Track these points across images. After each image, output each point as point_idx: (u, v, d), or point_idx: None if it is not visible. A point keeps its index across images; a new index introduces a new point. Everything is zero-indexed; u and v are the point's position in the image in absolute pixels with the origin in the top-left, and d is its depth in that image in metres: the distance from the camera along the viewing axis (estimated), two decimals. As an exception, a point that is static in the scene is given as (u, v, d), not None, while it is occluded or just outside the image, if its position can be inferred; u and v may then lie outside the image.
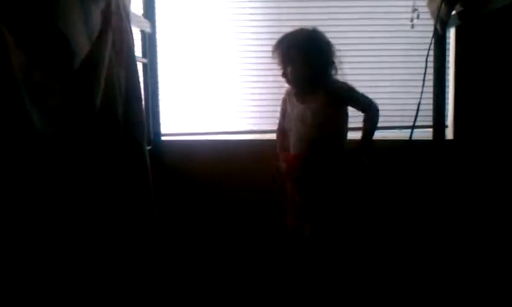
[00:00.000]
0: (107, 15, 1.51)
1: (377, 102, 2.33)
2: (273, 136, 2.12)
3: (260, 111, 2.42)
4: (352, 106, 1.93)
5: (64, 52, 1.22)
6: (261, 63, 2.36)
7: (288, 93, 2.00)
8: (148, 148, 1.88)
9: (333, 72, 1.91)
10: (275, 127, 2.09)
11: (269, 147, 2.09)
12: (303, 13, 2.35)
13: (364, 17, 2.35)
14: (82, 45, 1.33)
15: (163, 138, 2.38)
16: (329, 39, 1.89)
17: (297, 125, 1.91)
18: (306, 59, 1.84)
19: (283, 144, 2.03)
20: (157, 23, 2.32)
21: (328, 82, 1.89)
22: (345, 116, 1.93)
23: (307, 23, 1.92)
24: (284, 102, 2.01)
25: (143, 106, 1.77)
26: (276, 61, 1.91)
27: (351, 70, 2.28)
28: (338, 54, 1.90)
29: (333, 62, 1.89)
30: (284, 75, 1.90)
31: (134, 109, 1.67)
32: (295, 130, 1.92)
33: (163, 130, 2.39)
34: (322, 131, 1.88)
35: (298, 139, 1.91)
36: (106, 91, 1.51)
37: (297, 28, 1.90)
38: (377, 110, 1.92)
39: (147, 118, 2.15)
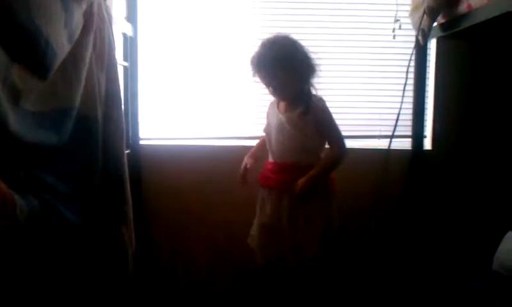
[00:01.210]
0: (88, 17, 1.48)
1: (357, 111, 2.37)
2: (254, 142, 2.12)
3: (242, 117, 2.41)
4: (322, 134, 1.89)
5: (44, 51, 1.19)
6: (243, 67, 2.34)
7: (271, 104, 2.00)
8: (127, 151, 1.85)
9: (313, 82, 1.89)
10: (258, 133, 2.08)
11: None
12: (283, 20, 2.34)
13: (345, 27, 2.36)
14: (62, 45, 1.30)
15: (142, 142, 2.35)
16: (307, 47, 1.86)
17: (275, 134, 1.91)
18: (286, 71, 1.81)
19: (260, 144, 2.05)
20: (139, 27, 2.29)
21: (309, 97, 1.88)
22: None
23: (286, 30, 1.90)
24: (267, 114, 2.02)
25: (123, 109, 1.74)
26: (256, 74, 1.87)
27: (331, 79, 2.30)
28: (317, 62, 1.86)
29: (314, 72, 1.86)
30: (268, 87, 1.88)
31: (113, 112, 1.64)
32: (274, 137, 1.92)
33: (142, 134, 2.35)
34: (296, 144, 1.87)
35: (277, 148, 1.92)
36: (86, 93, 1.48)
37: (271, 36, 1.85)
38: (344, 153, 1.87)
39: (126, 121, 2.12)
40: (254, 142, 2.10)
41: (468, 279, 1.85)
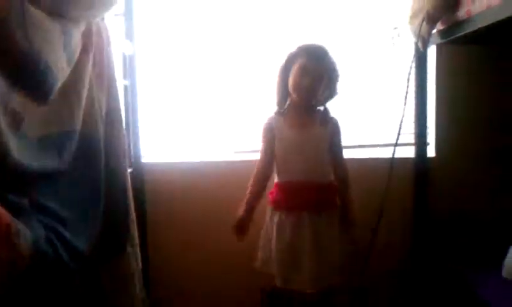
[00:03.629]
0: (87, 37, 1.48)
1: (359, 120, 2.36)
2: (257, 156, 2.00)
3: (244, 131, 2.38)
4: (332, 151, 1.88)
5: (44, 76, 1.18)
6: (244, 83, 2.36)
7: (273, 119, 1.91)
8: (129, 170, 1.84)
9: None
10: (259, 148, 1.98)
11: (254, 167, 1.99)
12: (282, 31, 2.31)
13: (344, 36, 2.34)
14: (62, 68, 1.30)
15: (144, 160, 2.34)
16: None
17: (295, 152, 1.84)
18: (329, 74, 1.83)
19: (258, 191, 1.91)
20: (138, 45, 2.29)
21: (326, 111, 1.89)
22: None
23: (285, 41, 1.91)
24: (270, 129, 1.90)
25: (124, 128, 1.74)
26: (289, 66, 1.83)
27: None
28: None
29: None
30: (297, 85, 1.81)
31: (115, 131, 1.64)
32: (294, 156, 1.85)
33: (144, 152, 2.34)
34: (319, 160, 1.86)
35: (298, 166, 1.85)
36: (87, 114, 1.48)
37: (311, 43, 1.87)
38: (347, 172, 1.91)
39: (128, 140, 2.11)
40: (257, 156, 1.99)
41: (476, 287, 1.83)
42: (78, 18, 1.40)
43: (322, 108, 1.90)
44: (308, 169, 1.84)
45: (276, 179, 1.93)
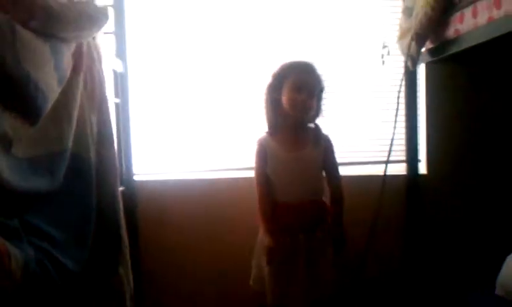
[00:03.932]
0: (78, 57, 1.48)
1: (350, 137, 2.37)
2: (251, 173, 1.97)
3: (236, 148, 2.38)
4: (326, 166, 1.89)
5: (34, 97, 1.18)
6: (237, 98, 2.37)
7: (265, 139, 1.89)
8: (121, 188, 1.83)
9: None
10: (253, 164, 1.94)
11: (249, 184, 1.96)
12: (269, 44, 2.34)
13: (334, 54, 2.36)
14: (52, 88, 1.29)
15: (136, 177, 2.33)
16: None
17: (291, 174, 1.84)
18: (318, 91, 1.84)
19: (270, 212, 1.86)
20: (129, 63, 2.29)
21: (318, 128, 1.89)
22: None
23: (277, 58, 1.94)
24: (262, 150, 1.88)
25: (115, 147, 1.73)
26: (280, 84, 1.83)
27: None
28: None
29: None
30: (291, 100, 1.80)
31: (106, 151, 1.63)
32: (289, 177, 1.85)
33: (136, 169, 2.34)
34: (315, 180, 1.87)
35: (292, 187, 1.84)
36: (78, 134, 1.47)
37: (297, 59, 1.89)
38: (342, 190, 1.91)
39: (119, 157, 2.10)
40: (250, 173, 1.95)
41: (470, 305, 1.83)
42: (68, 39, 1.40)
43: (313, 125, 1.91)
44: (301, 190, 1.84)
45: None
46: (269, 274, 1.84)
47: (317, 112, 1.88)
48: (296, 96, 1.80)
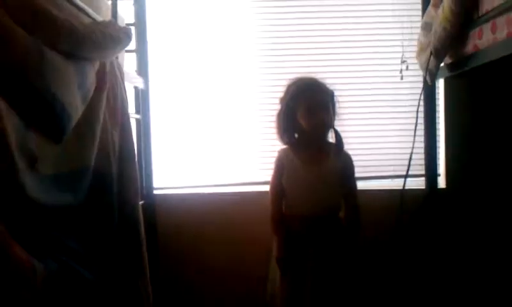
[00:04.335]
0: (101, 76, 1.52)
1: (369, 152, 2.37)
2: (268, 188, 2.00)
3: (255, 162, 2.41)
4: (343, 185, 1.89)
5: (59, 117, 1.22)
6: (254, 115, 2.40)
7: (284, 151, 1.92)
8: (141, 202, 1.86)
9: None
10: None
11: (266, 199, 1.97)
12: (289, 62, 2.37)
13: (354, 70, 2.38)
14: (77, 107, 1.33)
15: (156, 191, 2.36)
16: None
17: (309, 188, 1.86)
18: (331, 108, 1.87)
19: (281, 221, 1.91)
20: (150, 80, 2.34)
21: (340, 144, 1.91)
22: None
23: (296, 72, 1.98)
24: (280, 161, 1.91)
25: (136, 163, 1.76)
26: (292, 110, 1.86)
27: (341, 122, 2.31)
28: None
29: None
30: (308, 118, 1.83)
31: (128, 167, 1.66)
32: (304, 189, 1.87)
33: (156, 183, 2.37)
34: (333, 194, 1.88)
35: (309, 203, 1.86)
36: (100, 151, 1.50)
37: (302, 76, 1.92)
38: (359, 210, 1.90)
39: (140, 172, 2.13)
40: (268, 188, 1.98)
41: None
42: (92, 58, 1.44)
43: (334, 139, 1.93)
44: (315, 203, 1.86)
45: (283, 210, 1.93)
46: (279, 287, 1.86)
47: (333, 116, 1.90)
48: (313, 118, 1.83)
